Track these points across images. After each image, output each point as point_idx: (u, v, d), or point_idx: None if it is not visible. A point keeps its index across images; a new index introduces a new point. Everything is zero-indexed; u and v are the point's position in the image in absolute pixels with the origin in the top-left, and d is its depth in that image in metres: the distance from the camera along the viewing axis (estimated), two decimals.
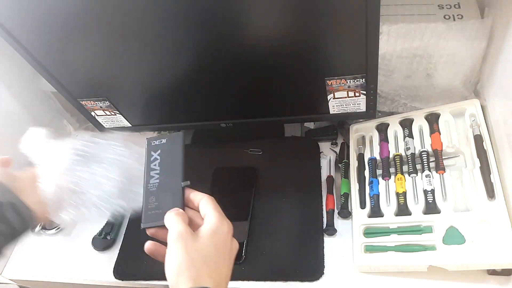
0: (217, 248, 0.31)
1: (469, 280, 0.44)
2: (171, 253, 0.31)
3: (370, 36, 0.41)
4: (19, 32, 0.46)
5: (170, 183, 0.36)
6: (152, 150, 0.38)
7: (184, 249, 0.30)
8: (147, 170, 0.37)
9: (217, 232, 0.32)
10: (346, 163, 0.57)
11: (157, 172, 0.37)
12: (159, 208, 0.35)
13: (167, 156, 0.38)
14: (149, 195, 0.36)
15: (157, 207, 0.35)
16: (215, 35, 0.43)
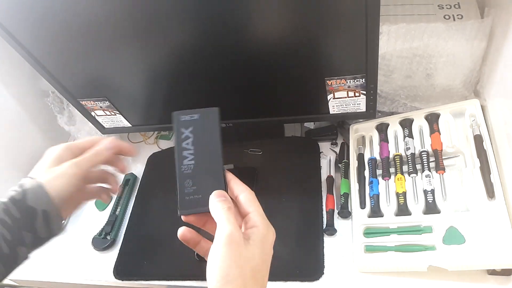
0: (264, 260, 0.29)
1: (469, 280, 0.44)
2: (219, 258, 0.27)
3: (370, 36, 0.41)
4: (19, 32, 0.46)
5: (208, 165, 0.32)
6: (183, 127, 0.34)
7: (234, 257, 0.27)
8: (178, 150, 0.33)
9: (265, 241, 0.30)
10: (346, 163, 0.57)
11: (191, 152, 0.33)
12: (198, 192, 0.31)
13: (202, 134, 0.33)
14: (185, 178, 0.32)
15: (195, 192, 0.32)
16: (216, 35, 0.43)
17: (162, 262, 0.54)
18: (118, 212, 0.62)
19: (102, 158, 0.36)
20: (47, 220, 0.32)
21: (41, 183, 0.33)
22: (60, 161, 0.35)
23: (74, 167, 0.34)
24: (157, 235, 0.57)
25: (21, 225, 0.31)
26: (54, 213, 0.32)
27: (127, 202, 0.63)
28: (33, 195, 0.32)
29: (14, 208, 0.31)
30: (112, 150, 0.37)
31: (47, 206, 0.32)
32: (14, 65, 0.64)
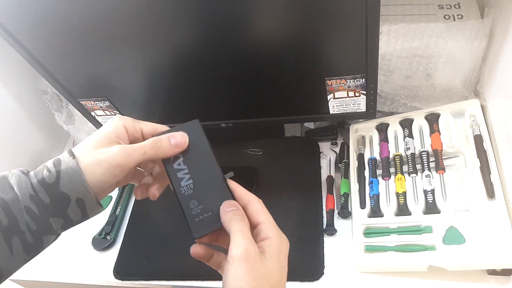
0: (281, 273, 0.28)
1: (469, 280, 0.44)
2: (236, 276, 0.26)
3: (370, 36, 0.41)
4: (19, 32, 0.46)
5: (208, 179, 0.31)
6: None
7: (251, 274, 0.26)
8: (171, 173, 0.31)
9: (280, 252, 0.28)
10: (346, 163, 0.57)
11: (185, 172, 0.31)
12: (206, 210, 0.30)
13: (191, 150, 0.31)
14: (188, 200, 0.30)
15: (203, 211, 0.30)
16: (215, 35, 0.43)
17: (162, 262, 0.54)
18: (118, 212, 0.62)
19: (160, 154, 0.31)
20: (82, 207, 0.29)
21: (79, 169, 0.28)
22: (112, 140, 0.30)
23: (122, 155, 0.29)
24: (157, 235, 0.57)
25: (50, 212, 0.28)
26: (90, 201, 0.29)
27: (127, 202, 0.63)
28: (68, 181, 0.28)
29: (44, 193, 0.28)
30: (180, 150, 0.31)
31: (83, 195, 0.28)
32: (14, 65, 0.64)
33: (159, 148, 0.31)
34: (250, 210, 0.29)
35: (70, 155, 0.29)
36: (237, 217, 0.28)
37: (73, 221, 0.29)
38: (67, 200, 0.28)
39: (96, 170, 0.28)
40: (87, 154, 0.29)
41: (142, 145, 0.30)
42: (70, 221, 0.29)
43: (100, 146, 0.29)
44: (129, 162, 0.29)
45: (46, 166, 0.29)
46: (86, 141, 0.30)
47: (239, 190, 0.30)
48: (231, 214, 0.28)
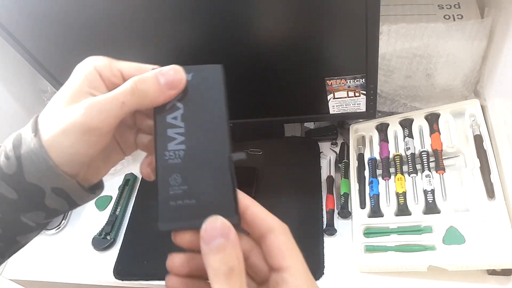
0: None
1: (469, 280, 0.44)
2: None
3: (370, 36, 0.41)
4: (19, 32, 0.45)
5: (206, 152, 0.21)
6: None
7: None
8: (160, 126, 0.21)
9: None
10: (346, 163, 0.57)
11: (180, 131, 0.21)
12: (190, 195, 0.20)
13: (198, 103, 0.22)
14: (169, 172, 0.21)
15: (186, 194, 0.20)
16: (215, 35, 0.43)
17: (162, 262, 0.54)
18: (118, 212, 0.62)
19: (146, 101, 0.21)
20: (64, 196, 0.22)
21: (44, 152, 0.20)
22: (83, 93, 0.21)
23: (91, 114, 0.20)
24: (157, 235, 0.57)
25: (20, 208, 0.21)
26: (72, 189, 0.21)
27: (127, 202, 0.63)
28: (34, 169, 0.20)
29: (5, 187, 0.20)
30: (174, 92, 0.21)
31: (59, 184, 0.21)
32: (14, 64, 0.64)
33: (143, 92, 0.21)
34: (270, 245, 0.19)
35: (33, 129, 0.21)
36: (223, 268, 0.17)
37: (58, 210, 0.22)
38: (40, 192, 0.21)
39: (62, 142, 0.20)
40: (51, 121, 0.21)
41: (117, 92, 0.21)
42: (54, 212, 0.22)
43: (67, 105, 0.20)
44: (104, 122, 0.20)
45: (5, 149, 0.21)
46: (53, 101, 0.21)
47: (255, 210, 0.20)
48: (213, 255, 0.17)
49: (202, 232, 0.18)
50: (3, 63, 0.63)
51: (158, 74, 0.22)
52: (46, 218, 0.23)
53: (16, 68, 0.64)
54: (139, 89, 0.21)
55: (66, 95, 0.21)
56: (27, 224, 0.22)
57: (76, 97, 0.21)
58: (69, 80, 0.22)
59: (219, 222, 0.18)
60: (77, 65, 0.22)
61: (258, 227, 0.20)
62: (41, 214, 0.22)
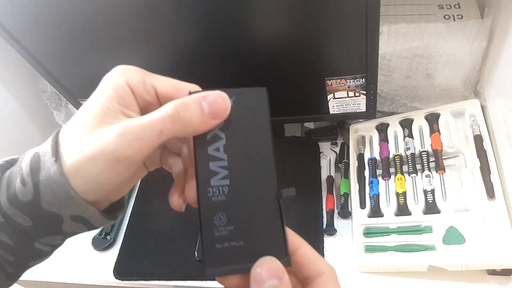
0: None
1: (469, 280, 0.44)
2: None
3: (370, 36, 0.41)
4: (19, 32, 0.45)
5: (253, 188, 0.20)
6: None
7: None
8: (201, 159, 0.19)
9: None
10: (346, 163, 0.57)
11: (223, 164, 0.19)
12: (237, 237, 0.19)
13: (241, 132, 0.20)
14: (213, 211, 0.19)
15: (233, 235, 0.19)
16: (215, 35, 0.43)
17: (163, 262, 0.54)
18: None
19: (187, 130, 0.19)
20: (83, 222, 0.20)
21: (66, 181, 0.18)
22: (112, 112, 0.19)
23: (124, 142, 0.18)
24: (158, 235, 0.57)
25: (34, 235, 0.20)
26: (93, 217, 0.20)
27: (128, 202, 0.63)
28: (52, 198, 0.19)
29: (20, 215, 0.19)
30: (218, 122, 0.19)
31: (79, 212, 0.19)
32: (13, 64, 0.63)
33: (184, 120, 0.18)
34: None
35: (53, 152, 0.19)
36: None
37: (76, 233, 0.21)
38: (57, 219, 0.19)
39: (89, 170, 0.18)
40: (76, 145, 0.18)
41: (155, 118, 0.18)
42: (72, 234, 0.21)
43: (96, 126, 0.18)
44: (138, 151, 0.18)
45: (21, 171, 0.19)
46: (78, 119, 0.19)
47: (305, 252, 0.19)
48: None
49: (254, 273, 0.17)
50: (3, 62, 0.63)
51: (202, 100, 0.19)
52: (63, 239, 0.22)
53: (15, 68, 0.64)
54: (181, 116, 0.18)
55: (94, 114, 0.19)
56: (40, 250, 0.21)
57: (106, 116, 0.19)
58: (96, 94, 0.19)
59: (274, 263, 0.17)
60: (106, 76, 0.20)
61: (307, 269, 0.19)
62: (58, 237, 0.21)
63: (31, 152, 0.20)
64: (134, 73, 0.20)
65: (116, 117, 0.19)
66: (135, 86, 0.20)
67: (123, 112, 0.19)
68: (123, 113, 0.19)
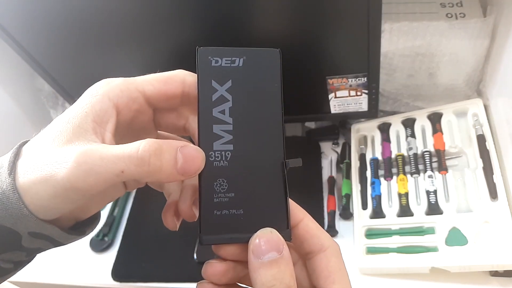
0: None
1: (471, 282, 0.43)
2: None
3: (372, 34, 0.40)
4: (16, 30, 0.45)
5: (258, 155, 0.18)
6: (215, 78, 0.18)
7: None
8: (204, 120, 0.18)
9: None
10: (348, 163, 0.56)
11: (227, 128, 0.18)
12: (237, 205, 0.18)
13: (250, 95, 0.19)
14: (214, 176, 0.18)
15: (233, 203, 0.18)
16: (215, 33, 0.42)
17: (161, 264, 0.53)
18: (116, 213, 0.61)
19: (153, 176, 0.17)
20: (45, 238, 0.19)
21: (17, 197, 0.17)
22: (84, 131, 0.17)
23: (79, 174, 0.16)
24: (156, 237, 0.56)
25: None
26: (53, 233, 0.19)
27: (125, 203, 0.62)
28: (5, 214, 0.17)
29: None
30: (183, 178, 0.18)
31: (37, 229, 0.18)
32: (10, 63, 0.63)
33: (153, 167, 0.17)
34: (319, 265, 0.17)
35: (10, 165, 0.17)
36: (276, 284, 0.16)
37: (41, 249, 0.19)
38: (14, 235, 0.18)
39: (41, 192, 0.17)
40: (33, 162, 0.17)
41: (121, 155, 0.16)
42: (37, 250, 0.19)
43: (60, 144, 0.17)
44: (91, 186, 0.17)
45: None
46: (45, 134, 0.18)
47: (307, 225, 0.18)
48: (265, 270, 0.16)
49: (252, 245, 0.17)
50: (2, 63, 0.62)
51: (179, 151, 0.17)
52: (28, 255, 0.20)
53: (12, 66, 0.63)
54: (150, 162, 0.17)
55: (64, 129, 0.17)
56: (1, 267, 0.19)
57: (73, 135, 0.17)
58: (72, 108, 0.18)
59: (274, 235, 0.17)
60: (87, 90, 0.19)
61: (308, 243, 0.18)
62: (20, 253, 0.19)
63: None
64: (116, 84, 0.19)
65: (84, 136, 0.17)
66: (118, 97, 0.19)
67: (95, 130, 0.18)
68: (95, 132, 0.18)
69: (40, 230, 0.18)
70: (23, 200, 0.17)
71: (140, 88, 0.19)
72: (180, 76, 0.20)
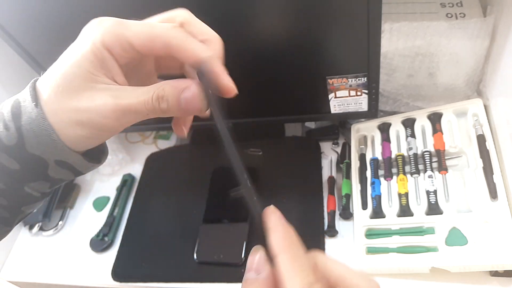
0: None
1: (471, 282, 0.43)
2: None
3: (372, 34, 0.40)
4: (17, 32, 0.45)
5: None
6: None
7: None
8: None
9: None
10: (348, 163, 0.56)
11: None
12: None
13: None
14: None
15: None
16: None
17: (161, 264, 0.53)
18: (116, 213, 0.61)
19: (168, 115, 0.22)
20: (68, 167, 0.22)
21: (48, 126, 0.20)
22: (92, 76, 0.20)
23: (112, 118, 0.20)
24: (156, 237, 0.56)
25: (23, 179, 0.21)
26: (77, 162, 0.22)
27: (125, 203, 0.63)
28: (36, 143, 0.20)
29: (7, 158, 0.20)
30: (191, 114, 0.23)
31: (63, 157, 0.21)
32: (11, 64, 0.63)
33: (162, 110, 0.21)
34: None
35: (33, 99, 0.20)
36: None
37: (63, 180, 0.23)
38: (42, 162, 0.21)
39: (75, 132, 0.20)
40: (57, 104, 0.20)
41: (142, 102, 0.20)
42: (59, 181, 0.23)
43: (82, 90, 0.20)
44: (122, 125, 0.21)
45: (4, 117, 0.20)
46: (59, 75, 0.20)
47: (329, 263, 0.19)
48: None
49: None
50: (1, 62, 0.62)
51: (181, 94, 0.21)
52: (50, 187, 0.23)
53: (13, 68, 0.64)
54: (160, 108, 0.21)
55: (79, 76, 0.20)
56: (31, 195, 0.23)
57: (91, 81, 0.20)
58: (76, 54, 0.20)
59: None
60: (83, 33, 0.21)
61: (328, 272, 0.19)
62: (45, 184, 0.23)
63: (11, 100, 0.21)
64: (109, 30, 0.21)
65: (102, 81, 0.20)
66: (112, 47, 0.21)
67: (107, 76, 0.21)
68: (108, 77, 0.21)
69: (65, 158, 0.21)
70: (53, 128, 0.20)
71: (129, 39, 0.21)
72: (164, 37, 0.21)
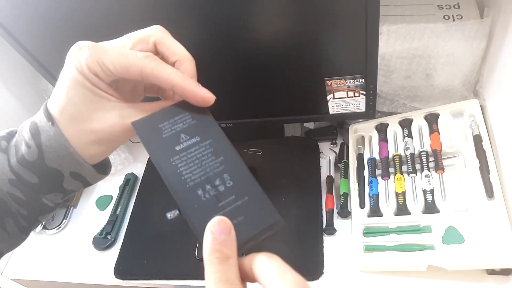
0: None
1: (468, 280, 0.44)
2: None
3: (370, 36, 0.41)
4: (20, 32, 0.46)
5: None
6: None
7: None
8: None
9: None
10: (346, 163, 0.57)
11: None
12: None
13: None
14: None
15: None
16: (215, 35, 0.43)
17: (163, 262, 0.54)
18: (118, 212, 0.62)
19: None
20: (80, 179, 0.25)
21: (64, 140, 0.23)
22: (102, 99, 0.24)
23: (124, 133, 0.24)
24: (158, 235, 0.57)
25: (41, 191, 0.25)
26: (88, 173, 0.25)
27: (128, 202, 0.63)
28: (54, 156, 0.24)
29: (28, 173, 0.24)
30: None
31: (77, 169, 0.24)
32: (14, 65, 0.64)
33: None
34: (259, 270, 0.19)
35: (48, 119, 0.24)
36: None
37: (74, 191, 0.27)
38: (59, 175, 0.24)
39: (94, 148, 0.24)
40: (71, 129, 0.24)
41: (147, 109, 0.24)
42: (71, 192, 0.26)
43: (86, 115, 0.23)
44: (131, 136, 0.25)
45: (24, 138, 0.24)
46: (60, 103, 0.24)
47: None
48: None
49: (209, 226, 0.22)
50: (4, 63, 0.63)
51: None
52: (63, 198, 0.27)
53: (16, 68, 0.64)
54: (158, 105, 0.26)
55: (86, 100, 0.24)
56: (47, 205, 0.26)
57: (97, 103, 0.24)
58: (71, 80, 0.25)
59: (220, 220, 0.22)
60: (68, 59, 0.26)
61: None
62: (59, 195, 0.26)
63: (27, 122, 0.26)
64: (90, 56, 0.25)
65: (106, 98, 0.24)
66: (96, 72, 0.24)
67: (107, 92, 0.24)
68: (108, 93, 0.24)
69: (79, 170, 0.25)
70: (69, 142, 0.23)
71: (108, 67, 0.24)
72: (137, 67, 0.24)
